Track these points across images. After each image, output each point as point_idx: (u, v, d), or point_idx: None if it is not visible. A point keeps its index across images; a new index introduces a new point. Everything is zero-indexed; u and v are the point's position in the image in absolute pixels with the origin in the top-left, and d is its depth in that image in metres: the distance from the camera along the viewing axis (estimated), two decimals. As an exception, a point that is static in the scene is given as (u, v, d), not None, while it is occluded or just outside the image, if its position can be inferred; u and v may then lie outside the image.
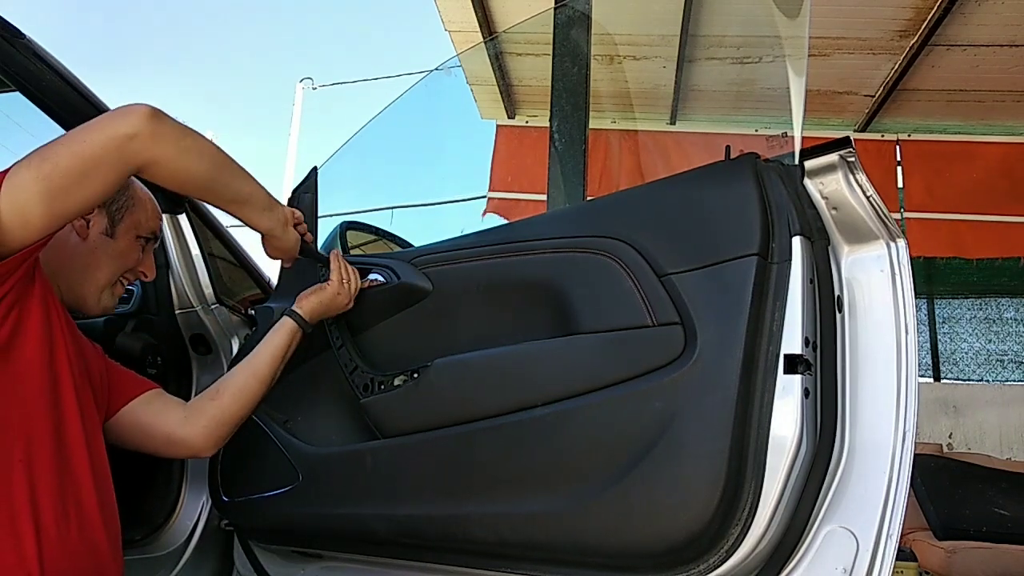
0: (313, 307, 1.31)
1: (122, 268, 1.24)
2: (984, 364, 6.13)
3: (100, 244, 1.21)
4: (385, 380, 1.30)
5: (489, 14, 4.13)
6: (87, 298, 1.21)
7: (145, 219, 1.26)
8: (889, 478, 0.99)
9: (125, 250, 1.23)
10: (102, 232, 1.21)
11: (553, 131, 2.77)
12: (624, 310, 1.10)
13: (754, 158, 1.10)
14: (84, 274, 1.20)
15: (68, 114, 1.30)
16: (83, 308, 1.22)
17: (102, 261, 1.21)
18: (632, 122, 4.99)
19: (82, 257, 1.20)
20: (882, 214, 1.04)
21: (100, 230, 1.21)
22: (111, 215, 1.22)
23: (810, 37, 1.22)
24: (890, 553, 0.96)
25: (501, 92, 4.83)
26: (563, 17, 2.88)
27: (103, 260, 1.21)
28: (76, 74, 1.28)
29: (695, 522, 0.99)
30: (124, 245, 1.23)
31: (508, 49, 4.48)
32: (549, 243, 1.22)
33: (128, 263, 1.24)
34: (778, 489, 0.97)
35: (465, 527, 1.18)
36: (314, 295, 1.32)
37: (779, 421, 0.98)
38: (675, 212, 1.14)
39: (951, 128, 4.94)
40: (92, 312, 1.23)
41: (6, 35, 1.16)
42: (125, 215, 1.23)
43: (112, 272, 1.22)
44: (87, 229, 1.21)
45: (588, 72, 2.81)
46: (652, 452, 1.03)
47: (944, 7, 3.69)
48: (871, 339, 1.05)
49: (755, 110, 4.68)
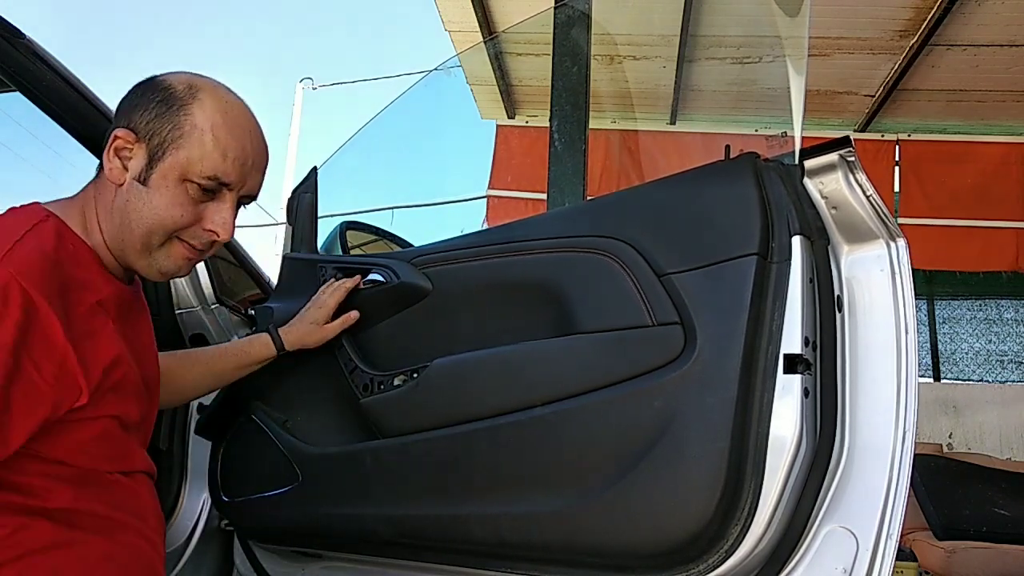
0: (295, 339, 1.31)
1: (169, 225, 0.93)
2: (984, 364, 6.13)
3: (132, 192, 0.92)
4: (385, 380, 1.30)
5: (489, 14, 4.13)
6: (134, 264, 0.96)
7: (201, 157, 0.92)
8: (889, 478, 0.99)
9: (166, 201, 0.92)
10: (135, 177, 0.92)
11: (553, 131, 2.77)
12: (624, 310, 1.10)
13: (754, 158, 1.10)
14: (121, 232, 0.94)
15: (68, 114, 1.30)
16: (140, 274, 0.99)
17: (134, 216, 0.92)
18: (632, 122, 4.99)
19: (119, 210, 0.93)
20: (882, 214, 1.05)
21: (135, 174, 0.92)
22: (150, 152, 0.92)
23: (810, 37, 1.21)
24: (890, 553, 0.96)
25: (501, 92, 4.83)
26: (563, 17, 2.88)
27: (135, 214, 0.92)
28: (76, 74, 1.28)
29: (694, 522, 0.99)
30: (164, 194, 0.92)
31: (508, 49, 4.48)
32: (549, 243, 1.22)
33: (175, 218, 0.93)
34: (778, 489, 0.97)
35: (465, 527, 1.18)
36: (300, 328, 1.31)
37: (779, 421, 0.98)
38: (675, 212, 1.13)
39: (951, 128, 4.94)
40: (152, 279, 0.99)
41: (6, 35, 1.16)
42: (168, 151, 0.91)
43: (149, 230, 0.93)
44: (124, 171, 0.93)
45: (588, 72, 2.81)
46: (651, 452, 1.03)
47: (944, 7, 3.69)
48: (871, 339, 1.05)
49: (755, 110, 4.68)
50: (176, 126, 0.92)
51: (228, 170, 0.94)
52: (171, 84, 0.95)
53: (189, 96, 0.93)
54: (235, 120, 0.95)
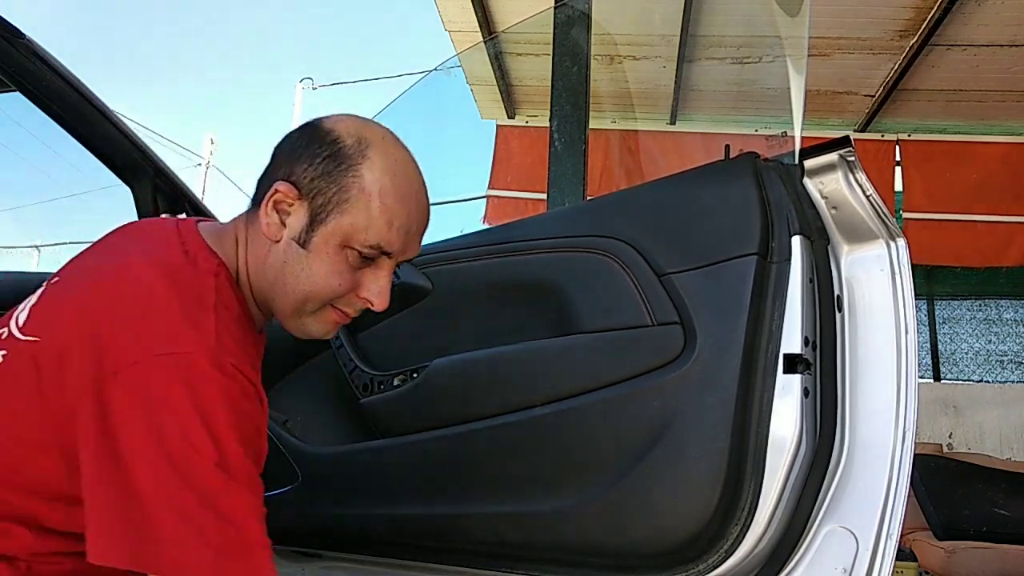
0: None
1: (326, 295, 0.87)
2: (984, 364, 6.13)
3: (290, 254, 0.86)
4: (384, 380, 1.30)
5: (489, 14, 4.13)
6: (283, 321, 0.91)
7: (366, 225, 0.85)
8: (889, 478, 0.99)
9: (326, 269, 0.85)
10: (294, 238, 0.85)
11: (553, 131, 2.77)
12: (623, 310, 1.10)
13: (754, 157, 1.10)
14: (273, 291, 0.88)
15: (68, 114, 1.30)
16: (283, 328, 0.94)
17: (290, 279, 0.86)
18: (632, 122, 4.99)
19: (273, 269, 0.87)
20: (882, 213, 1.05)
21: (293, 234, 0.86)
22: (312, 212, 0.85)
23: (810, 37, 1.21)
24: (890, 553, 0.96)
25: (501, 92, 4.83)
26: (563, 17, 2.88)
27: (292, 278, 0.86)
28: (76, 74, 1.28)
29: (694, 521, 0.99)
30: (324, 261, 0.85)
31: (508, 49, 4.48)
32: (549, 243, 1.22)
33: (333, 287, 0.86)
34: (778, 489, 0.97)
35: (465, 527, 1.18)
36: None
37: (779, 421, 0.98)
38: (674, 211, 1.14)
39: (951, 128, 4.94)
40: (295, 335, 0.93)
41: (6, 35, 1.16)
42: (331, 215, 0.84)
43: (306, 297, 0.87)
44: (281, 227, 0.86)
45: (588, 72, 2.81)
46: (651, 452, 1.03)
47: (944, 7, 3.69)
48: (871, 339, 1.05)
49: (755, 110, 4.67)
50: (343, 188, 0.85)
51: (392, 239, 0.87)
52: (340, 137, 0.87)
53: (359, 154, 0.86)
54: (403, 183, 0.88)
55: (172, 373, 0.74)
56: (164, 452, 0.72)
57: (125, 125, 1.39)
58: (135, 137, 1.41)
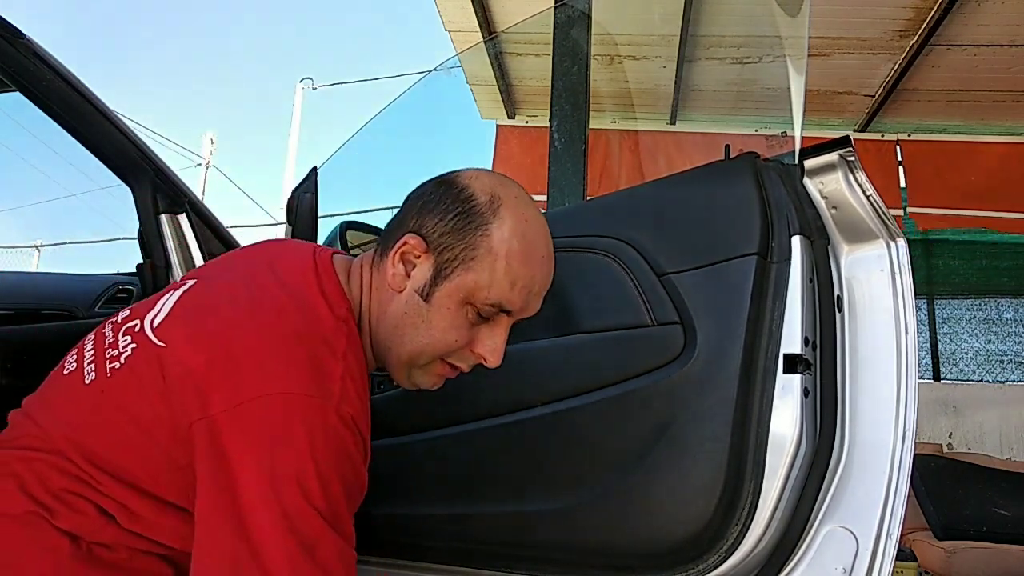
0: None
1: (441, 350, 0.88)
2: (984, 364, 6.13)
3: (411, 305, 0.87)
4: (385, 380, 1.30)
5: (489, 14, 4.13)
6: (390, 369, 0.92)
7: (489, 283, 0.85)
8: (889, 478, 0.98)
9: (445, 324, 0.86)
10: (417, 290, 0.87)
11: (553, 131, 2.77)
12: (624, 309, 1.10)
13: (753, 157, 1.10)
14: (390, 341, 0.89)
15: (68, 114, 1.30)
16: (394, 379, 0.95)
17: (409, 331, 0.87)
18: (632, 122, 4.99)
19: (394, 317, 0.88)
20: (882, 213, 1.04)
21: (417, 286, 0.87)
22: (438, 267, 0.86)
23: (810, 37, 1.21)
24: (890, 553, 0.96)
25: (501, 92, 4.84)
26: (563, 17, 2.88)
27: (411, 330, 0.87)
28: (76, 74, 1.28)
29: (694, 522, 0.99)
30: (445, 316, 0.86)
31: (508, 49, 4.48)
32: (549, 243, 1.22)
33: (449, 343, 0.87)
34: (778, 489, 0.97)
35: (465, 527, 1.18)
36: None
37: (779, 421, 0.98)
38: (674, 211, 1.13)
39: (951, 128, 4.94)
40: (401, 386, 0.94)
41: (6, 35, 1.16)
42: (456, 271, 0.86)
43: (421, 350, 0.88)
44: (406, 279, 0.88)
45: (588, 72, 2.82)
46: (651, 452, 1.03)
47: (944, 7, 3.69)
48: (871, 339, 1.05)
49: (755, 110, 4.68)
50: (471, 246, 0.85)
51: (513, 299, 0.87)
52: (474, 195, 0.88)
53: (491, 214, 0.87)
54: (531, 246, 0.88)
55: (293, 414, 0.75)
56: (275, 492, 0.73)
57: (125, 125, 1.39)
58: (135, 137, 1.41)
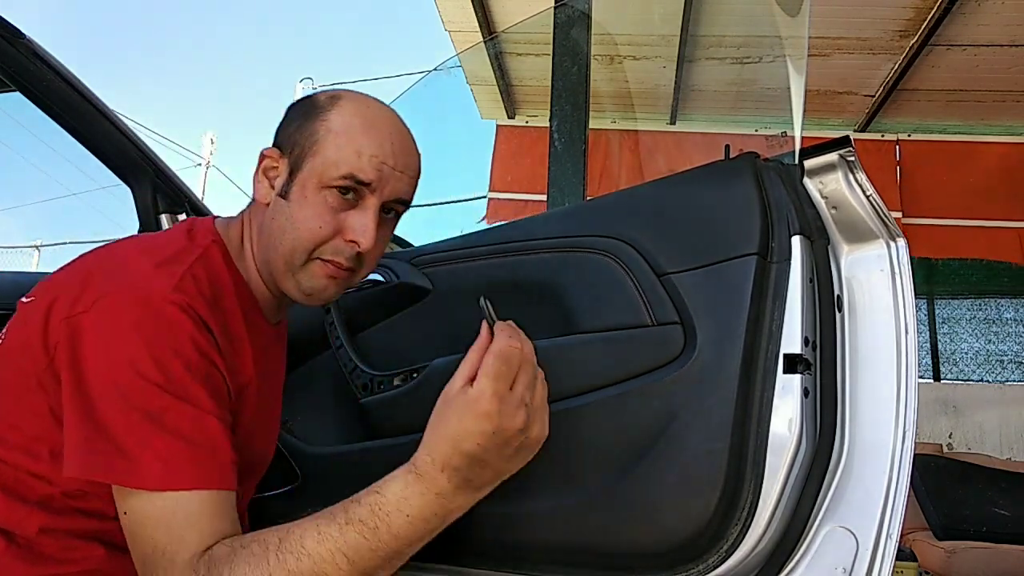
0: None
1: (307, 239, 0.88)
2: (984, 364, 6.14)
3: (276, 209, 0.90)
4: (384, 380, 1.30)
5: (489, 14, 4.13)
6: (282, 284, 0.92)
7: (336, 159, 0.86)
8: (889, 478, 0.98)
9: (306, 213, 0.87)
10: (279, 193, 0.90)
11: (553, 131, 2.77)
12: (623, 309, 1.10)
13: (753, 157, 1.10)
14: (267, 252, 0.92)
15: (68, 114, 1.30)
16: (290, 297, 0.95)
17: (276, 233, 0.89)
18: (632, 122, 5.00)
19: (265, 230, 0.92)
20: (882, 213, 1.04)
21: (279, 190, 0.90)
22: (291, 165, 0.89)
23: (810, 37, 1.21)
24: (890, 553, 0.96)
25: (501, 92, 4.84)
26: (563, 17, 2.88)
27: (278, 231, 0.89)
28: (76, 74, 1.28)
29: (694, 522, 0.99)
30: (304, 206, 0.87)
31: (508, 49, 4.48)
32: (549, 243, 1.22)
33: (314, 230, 0.87)
34: (778, 489, 0.97)
35: (464, 527, 1.18)
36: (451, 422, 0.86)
37: (779, 421, 0.98)
38: (674, 211, 1.13)
39: (951, 128, 4.94)
40: (301, 302, 0.95)
41: (6, 35, 1.17)
42: (305, 160, 0.88)
43: (292, 248, 0.88)
44: (271, 190, 0.91)
45: (588, 72, 2.82)
46: (651, 452, 1.02)
47: (944, 7, 3.69)
48: (871, 339, 1.05)
49: (755, 110, 4.68)
50: (312, 133, 0.88)
51: (364, 167, 0.86)
52: (315, 96, 0.92)
53: (329, 103, 0.90)
54: (373, 121, 0.89)
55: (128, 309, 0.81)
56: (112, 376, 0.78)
57: (125, 125, 1.39)
58: (135, 137, 1.42)
